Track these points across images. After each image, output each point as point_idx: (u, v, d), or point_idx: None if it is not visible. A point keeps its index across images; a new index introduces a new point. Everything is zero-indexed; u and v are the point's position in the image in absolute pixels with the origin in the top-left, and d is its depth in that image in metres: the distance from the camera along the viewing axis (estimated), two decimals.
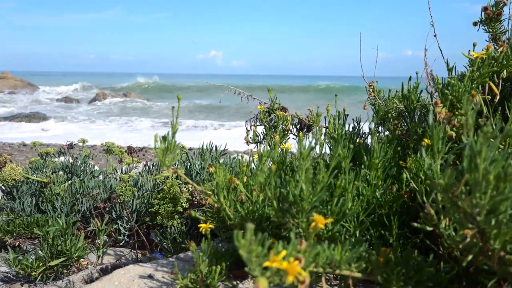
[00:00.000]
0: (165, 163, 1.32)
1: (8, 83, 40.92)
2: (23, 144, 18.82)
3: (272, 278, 0.78)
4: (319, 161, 1.16)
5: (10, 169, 2.73)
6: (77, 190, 3.02)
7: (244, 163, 2.19)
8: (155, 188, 3.00)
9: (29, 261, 2.26)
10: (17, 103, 34.56)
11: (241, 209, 1.36)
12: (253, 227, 0.77)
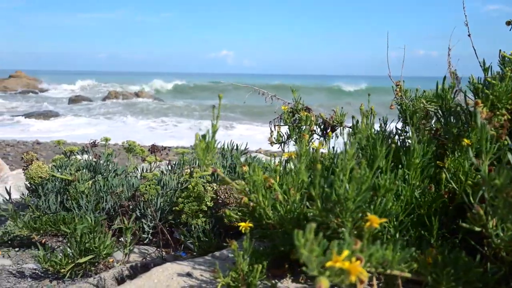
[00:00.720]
0: (205, 162, 1.32)
1: (21, 82, 41.27)
2: (37, 142, 18.96)
3: (332, 278, 0.78)
4: (361, 161, 1.15)
5: (37, 167, 2.76)
6: (101, 188, 3.04)
7: (266, 163, 2.19)
8: (178, 187, 3.02)
9: (58, 258, 2.28)
10: (30, 101, 34.84)
11: (280, 208, 1.36)
12: (314, 227, 0.78)
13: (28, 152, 2.82)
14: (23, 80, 41.98)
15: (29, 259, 2.66)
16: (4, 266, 2.50)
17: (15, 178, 7.01)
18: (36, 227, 2.71)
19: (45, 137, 20.99)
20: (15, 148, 17.32)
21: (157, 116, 27.38)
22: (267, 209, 1.41)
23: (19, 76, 42.46)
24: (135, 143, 3.71)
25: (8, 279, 2.34)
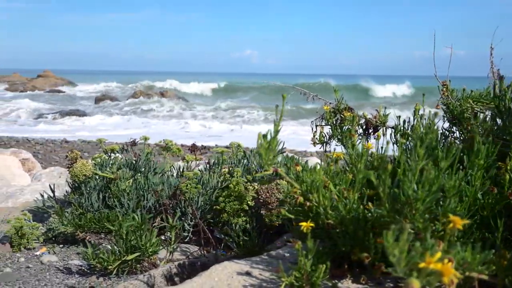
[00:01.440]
0: (267, 161, 1.33)
1: (49, 81, 42.02)
2: (65, 141, 19.28)
3: (421, 279, 0.77)
4: (429, 162, 1.14)
5: (81, 165, 2.80)
6: (141, 187, 3.07)
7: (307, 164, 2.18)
8: (218, 186, 3.03)
9: (105, 255, 2.31)
10: (58, 100, 35.44)
11: (342, 209, 1.36)
12: (408, 228, 0.77)
13: (72, 151, 2.87)
14: (51, 79, 42.75)
15: (73, 256, 2.70)
16: (51, 262, 2.55)
17: (48, 175, 7.14)
18: (80, 224, 2.75)
19: (73, 136, 21.34)
20: (44, 146, 17.65)
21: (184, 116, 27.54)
22: (327, 209, 1.41)
23: (47, 76, 43.25)
24: (172, 142, 3.74)
25: (57, 275, 2.38)
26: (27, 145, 17.88)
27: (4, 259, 2.58)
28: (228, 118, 25.73)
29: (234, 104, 33.21)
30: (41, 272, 2.41)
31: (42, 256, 2.61)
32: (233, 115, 26.60)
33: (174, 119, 26.37)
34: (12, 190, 4.12)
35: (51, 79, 42.81)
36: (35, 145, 17.92)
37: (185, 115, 28.07)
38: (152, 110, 30.54)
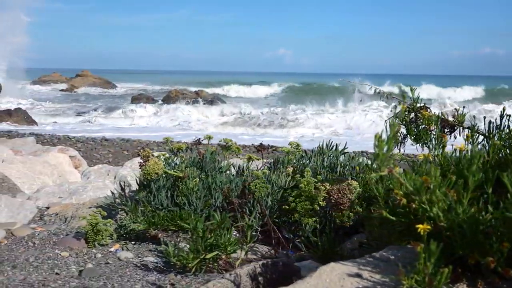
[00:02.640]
0: (383, 162, 1.31)
1: (88, 81, 42.99)
2: (105, 139, 19.64)
3: None
4: None
5: (154, 164, 2.84)
6: (209, 185, 3.09)
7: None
8: (286, 185, 3.02)
9: (184, 253, 2.33)
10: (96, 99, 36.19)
11: (460, 211, 1.32)
12: None
13: (144, 149, 2.90)
14: (89, 79, 43.71)
15: (146, 253, 2.73)
16: (128, 258, 2.59)
17: (97, 173, 7.27)
18: (154, 222, 2.79)
19: (111, 134, 21.74)
20: (85, 144, 18.02)
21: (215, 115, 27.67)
22: (439, 212, 1.38)
23: (85, 75, 44.25)
24: (232, 141, 3.75)
25: (136, 271, 2.42)
26: (68, 143, 18.30)
27: (81, 255, 2.63)
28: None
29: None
30: (121, 268, 2.45)
31: (118, 253, 2.66)
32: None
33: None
34: (74, 187, 4.21)
35: (89, 79, 43.76)
36: (76, 143, 18.34)
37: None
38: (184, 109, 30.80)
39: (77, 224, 3.18)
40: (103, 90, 41.32)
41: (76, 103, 33.61)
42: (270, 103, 33.58)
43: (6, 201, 3.31)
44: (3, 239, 2.82)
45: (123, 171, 6.70)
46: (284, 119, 23.81)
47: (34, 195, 4.11)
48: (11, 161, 4.89)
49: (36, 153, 7.34)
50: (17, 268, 2.38)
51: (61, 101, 34.13)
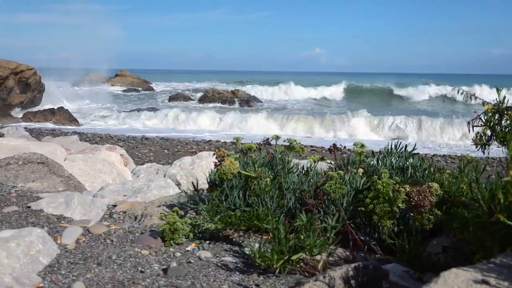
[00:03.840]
0: None
1: (126, 80, 43.82)
2: (145, 137, 19.95)
3: None
4: None
5: (230, 164, 2.83)
6: (281, 185, 3.07)
7: None
8: (361, 187, 2.97)
9: (269, 253, 2.32)
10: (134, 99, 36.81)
11: None
12: None
13: (219, 149, 2.90)
14: (128, 78, 44.53)
15: (222, 252, 2.73)
16: (208, 258, 2.59)
17: (146, 171, 7.35)
18: (230, 222, 2.78)
19: (151, 133, 22.06)
20: (126, 143, 18.35)
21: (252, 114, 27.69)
22: None
23: (124, 75, 45.12)
24: (296, 140, 3.72)
25: (219, 272, 2.41)
26: (110, 141, 18.67)
27: (160, 253, 2.64)
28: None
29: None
30: (203, 268, 2.45)
31: (197, 252, 2.66)
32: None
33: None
34: (137, 186, 4.26)
35: (127, 78, 44.57)
36: (118, 141, 18.68)
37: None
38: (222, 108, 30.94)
39: (150, 223, 3.21)
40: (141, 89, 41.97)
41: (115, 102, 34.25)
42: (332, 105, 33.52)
43: (79, 199, 3.37)
44: (81, 236, 2.87)
45: (172, 170, 6.76)
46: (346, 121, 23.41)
47: (98, 193, 4.18)
48: (73, 159, 4.99)
49: (84, 151, 7.49)
50: (102, 266, 2.41)
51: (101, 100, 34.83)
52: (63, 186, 4.04)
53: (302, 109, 32.09)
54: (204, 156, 7.47)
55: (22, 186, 3.90)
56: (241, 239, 2.94)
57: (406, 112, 26.27)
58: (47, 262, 2.44)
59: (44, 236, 2.57)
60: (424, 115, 24.18)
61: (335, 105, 35.06)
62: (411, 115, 24.08)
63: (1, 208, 3.23)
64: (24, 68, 25.68)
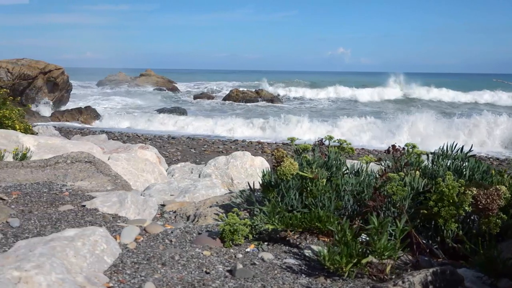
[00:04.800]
0: None
1: (151, 80, 44.18)
2: (171, 137, 20.07)
3: None
4: None
5: (289, 164, 2.79)
6: (337, 186, 3.02)
7: None
8: (423, 188, 2.91)
9: (338, 256, 2.27)
10: (159, 98, 37.08)
11: None
12: None
13: (278, 149, 2.87)
14: (153, 78, 44.90)
15: (283, 254, 2.69)
16: (271, 260, 2.56)
17: (181, 170, 7.38)
18: (291, 223, 2.75)
19: (177, 132, 22.19)
20: (153, 142, 18.49)
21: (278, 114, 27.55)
22: None
23: (149, 75, 45.50)
24: (346, 141, 3.67)
25: (285, 274, 2.38)
26: (137, 140, 18.85)
27: (221, 254, 2.62)
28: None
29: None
30: (269, 270, 2.42)
31: (259, 253, 2.63)
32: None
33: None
34: (184, 185, 4.26)
35: (152, 78, 44.94)
36: (145, 140, 18.84)
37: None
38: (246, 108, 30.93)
39: (204, 223, 3.20)
40: (166, 88, 42.27)
41: (142, 101, 34.55)
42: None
43: (132, 198, 3.37)
44: (138, 236, 2.86)
45: (207, 170, 6.77)
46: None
47: (146, 192, 4.19)
48: (117, 158, 5.02)
49: (117, 150, 7.55)
50: (167, 266, 2.40)
51: (127, 99, 35.18)
52: (111, 185, 4.05)
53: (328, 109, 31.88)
54: (238, 156, 7.47)
55: (72, 184, 3.93)
56: (298, 240, 2.90)
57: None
58: (111, 261, 2.44)
59: (107, 235, 2.57)
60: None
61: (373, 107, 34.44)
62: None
63: (57, 206, 3.25)
64: (53, 68, 26.08)
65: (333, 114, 28.54)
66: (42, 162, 4.29)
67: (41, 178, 4.04)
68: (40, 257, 2.05)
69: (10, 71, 24.15)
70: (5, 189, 3.62)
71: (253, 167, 7.24)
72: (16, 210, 3.09)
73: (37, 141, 6.70)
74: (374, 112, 28.28)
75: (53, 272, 1.97)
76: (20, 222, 2.87)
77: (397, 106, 33.85)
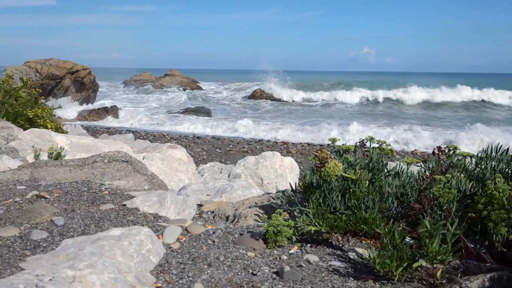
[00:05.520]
0: None
1: (176, 80, 44.51)
2: (197, 136, 20.18)
3: None
4: None
5: (334, 165, 2.76)
6: (381, 188, 2.97)
7: None
8: (470, 191, 2.84)
9: (388, 260, 2.23)
10: (184, 98, 37.31)
11: None
12: None
13: (322, 150, 2.84)
14: (177, 78, 45.23)
15: (327, 256, 2.66)
16: (317, 262, 2.52)
17: (210, 170, 7.38)
18: (336, 225, 2.71)
19: (202, 132, 22.29)
20: (179, 141, 18.61)
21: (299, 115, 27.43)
22: None
23: (173, 75, 45.86)
24: (385, 142, 3.61)
25: (332, 277, 2.34)
26: (163, 139, 19.00)
27: (265, 255, 2.60)
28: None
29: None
30: (315, 272, 2.39)
31: (304, 255, 2.61)
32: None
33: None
34: (220, 185, 4.26)
35: (176, 78, 45.27)
36: (170, 140, 18.98)
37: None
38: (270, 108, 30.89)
39: (245, 224, 3.18)
40: (190, 88, 42.55)
41: (166, 101, 34.82)
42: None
43: (172, 198, 3.38)
44: (180, 236, 2.86)
45: (237, 170, 6.76)
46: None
47: (182, 191, 4.20)
48: (151, 158, 5.05)
49: (146, 149, 7.59)
50: (213, 267, 2.39)
51: (152, 98, 35.50)
52: (147, 185, 4.07)
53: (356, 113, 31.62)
54: (268, 156, 7.44)
55: (110, 184, 3.96)
56: (341, 242, 2.86)
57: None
58: (157, 261, 2.44)
59: (152, 235, 2.57)
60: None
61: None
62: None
63: (98, 205, 3.27)
64: (80, 68, 26.47)
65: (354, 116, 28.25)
66: (80, 161, 4.33)
67: (79, 177, 4.08)
68: (92, 257, 2.06)
69: (39, 71, 24.58)
70: (45, 188, 3.66)
71: (282, 168, 7.22)
72: (59, 209, 3.12)
73: (69, 140, 6.79)
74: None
75: (106, 271, 1.97)
76: (64, 221, 2.89)
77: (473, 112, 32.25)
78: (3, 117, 8.83)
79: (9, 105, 9.28)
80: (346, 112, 31.37)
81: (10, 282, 1.81)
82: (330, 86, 44.59)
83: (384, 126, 22.99)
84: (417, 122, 24.91)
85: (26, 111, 9.31)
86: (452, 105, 34.29)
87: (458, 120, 26.55)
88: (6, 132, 6.88)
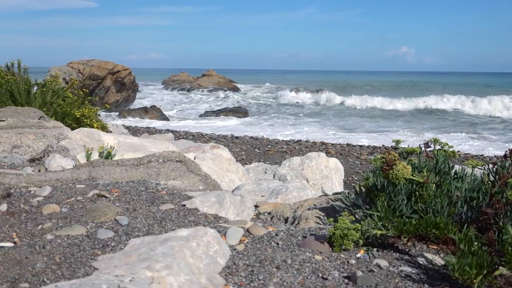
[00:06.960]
0: None
1: (213, 80, 44.86)
2: (235, 136, 20.24)
3: None
4: None
5: (402, 168, 2.68)
6: (449, 192, 2.87)
7: None
8: None
9: (468, 268, 2.14)
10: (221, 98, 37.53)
11: None
12: None
13: (389, 152, 2.76)
14: (214, 78, 45.57)
15: (395, 261, 2.58)
16: (388, 268, 2.45)
17: (255, 170, 7.35)
18: (405, 229, 2.63)
19: (239, 132, 22.35)
20: (218, 141, 18.69)
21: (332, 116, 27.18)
22: None
23: (210, 75, 46.22)
24: (448, 144, 3.49)
25: (406, 283, 2.27)
26: (202, 139, 19.13)
27: (333, 259, 2.55)
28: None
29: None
30: (389, 278, 2.32)
31: (373, 260, 2.54)
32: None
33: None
34: (274, 186, 4.22)
35: (214, 78, 45.61)
36: (210, 139, 19.10)
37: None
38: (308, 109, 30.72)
39: (306, 226, 3.14)
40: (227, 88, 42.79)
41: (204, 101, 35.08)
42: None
43: (230, 199, 3.36)
44: (243, 237, 2.84)
45: (282, 170, 6.71)
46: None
47: (236, 192, 4.19)
48: (203, 158, 5.06)
49: (189, 149, 7.62)
50: (281, 270, 2.35)
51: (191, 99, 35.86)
52: (202, 185, 4.07)
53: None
54: (313, 157, 7.36)
55: (165, 183, 3.98)
56: (408, 247, 2.77)
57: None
58: (224, 263, 2.42)
59: (218, 236, 2.55)
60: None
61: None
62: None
63: (158, 205, 3.29)
64: (120, 68, 26.95)
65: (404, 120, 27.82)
66: (136, 160, 4.38)
67: (135, 176, 4.12)
68: (166, 258, 2.05)
69: (81, 71, 25.16)
70: (104, 187, 3.71)
71: (328, 168, 7.14)
72: (121, 208, 3.15)
73: (117, 139, 6.88)
74: None
75: (181, 273, 1.96)
76: (128, 220, 2.91)
77: None
78: (52, 116, 9.05)
79: (57, 105, 9.49)
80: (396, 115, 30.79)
81: (91, 282, 1.82)
82: (372, 89, 43.95)
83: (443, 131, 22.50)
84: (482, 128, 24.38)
85: (73, 111, 9.51)
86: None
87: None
88: (57, 132, 7.02)
